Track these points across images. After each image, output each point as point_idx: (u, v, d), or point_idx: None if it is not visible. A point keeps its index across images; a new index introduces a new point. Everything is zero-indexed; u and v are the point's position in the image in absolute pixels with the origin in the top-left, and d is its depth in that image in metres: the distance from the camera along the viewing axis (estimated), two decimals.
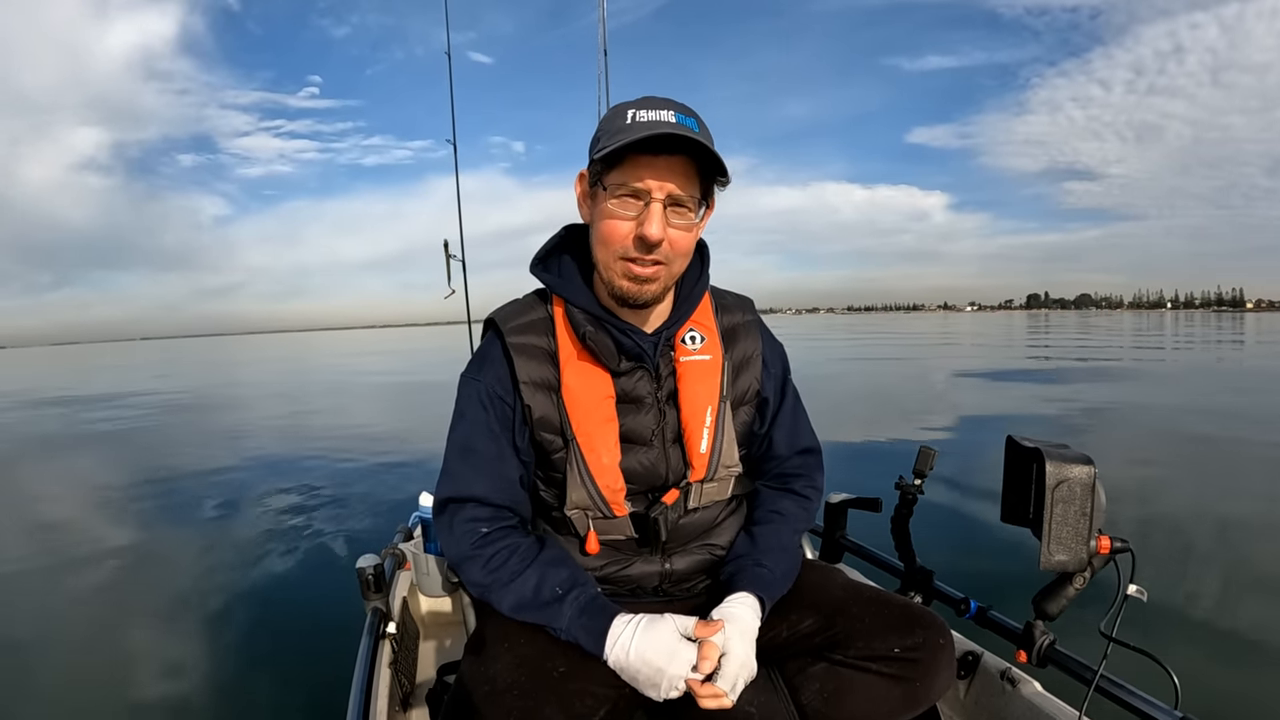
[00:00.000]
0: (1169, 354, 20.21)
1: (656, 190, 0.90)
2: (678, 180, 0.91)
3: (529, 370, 1.00)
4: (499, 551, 0.97)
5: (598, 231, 0.96)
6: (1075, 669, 1.13)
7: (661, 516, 1.02)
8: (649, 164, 0.90)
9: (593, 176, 0.95)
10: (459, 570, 1.00)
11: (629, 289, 0.96)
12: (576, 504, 1.01)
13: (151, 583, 3.89)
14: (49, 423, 12.63)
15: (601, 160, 0.91)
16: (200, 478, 6.68)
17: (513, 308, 1.07)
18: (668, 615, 0.91)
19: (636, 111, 0.91)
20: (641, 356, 1.01)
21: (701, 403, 1.04)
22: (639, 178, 0.90)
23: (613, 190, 0.92)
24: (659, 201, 0.91)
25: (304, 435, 9.14)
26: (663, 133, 0.87)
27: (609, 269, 0.96)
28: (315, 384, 19.28)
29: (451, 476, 1.01)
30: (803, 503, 1.14)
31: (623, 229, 0.92)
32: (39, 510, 5.87)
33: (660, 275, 0.96)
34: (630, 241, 0.92)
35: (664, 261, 0.94)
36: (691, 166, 0.92)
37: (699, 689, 0.86)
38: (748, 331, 1.12)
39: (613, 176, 0.92)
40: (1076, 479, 0.98)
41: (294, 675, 2.65)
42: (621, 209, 0.92)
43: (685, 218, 0.94)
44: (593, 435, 0.99)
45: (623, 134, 0.88)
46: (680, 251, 0.95)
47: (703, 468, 1.03)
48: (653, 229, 0.90)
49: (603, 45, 2.75)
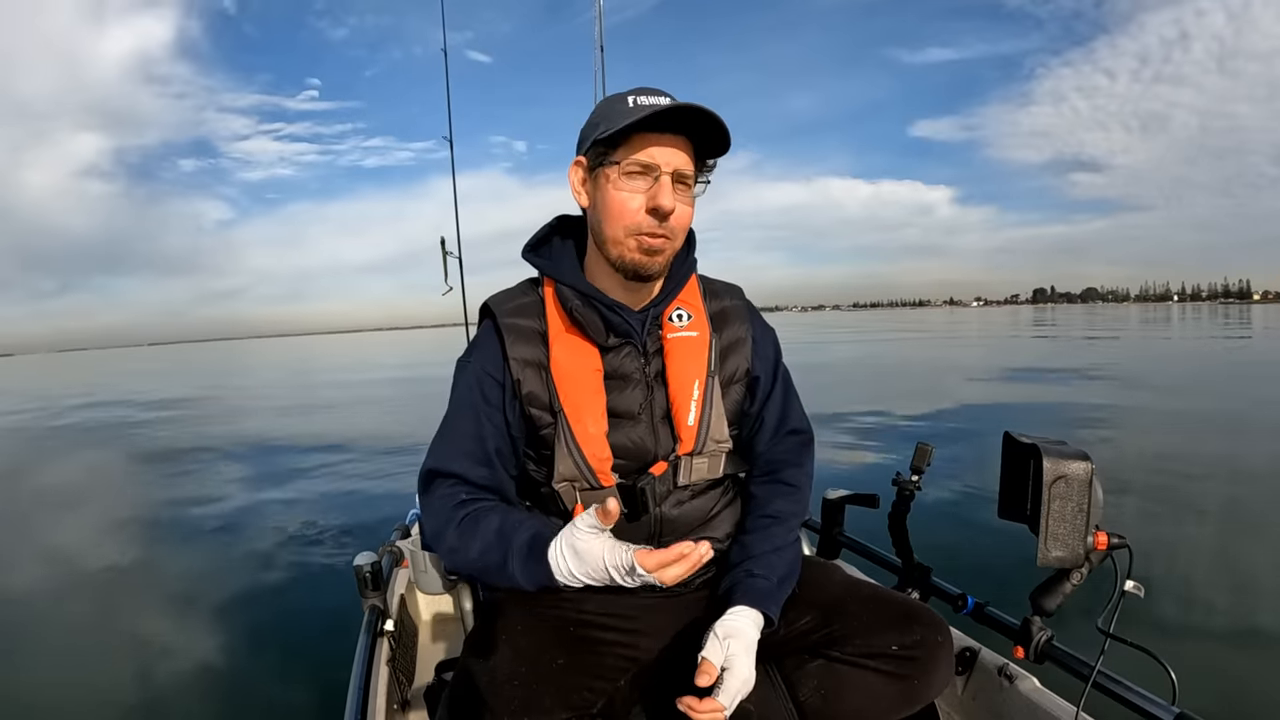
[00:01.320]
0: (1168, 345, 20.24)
1: (665, 165, 0.95)
2: (682, 157, 0.96)
3: (519, 349, 1.02)
4: (469, 514, 0.99)
5: (607, 209, 0.98)
6: (1073, 665, 1.13)
7: (649, 487, 1.02)
8: (657, 140, 0.94)
9: (596, 159, 0.98)
10: (436, 541, 1.02)
11: (641, 260, 0.98)
12: (564, 476, 1.01)
13: (150, 582, 3.89)
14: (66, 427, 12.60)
15: (606, 142, 0.95)
16: (198, 477, 6.67)
17: (506, 293, 1.10)
18: (585, 516, 0.90)
19: (636, 97, 0.95)
20: (629, 333, 1.02)
21: (689, 378, 1.05)
22: (649, 155, 0.94)
23: (624, 167, 0.95)
24: (668, 174, 0.95)
25: (302, 434, 9.13)
26: (676, 106, 0.92)
27: (619, 244, 0.98)
28: (314, 384, 19.25)
29: (434, 453, 1.04)
30: (794, 494, 1.13)
31: (634, 203, 0.96)
32: (36, 510, 5.86)
33: (667, 247, 0.99)
34: (642, 216, 0.96)
35: (669, 236, 0.98)
36: (690, 145, 0.97)
37: (697, 705, 0.86)
38: (736, 314, 1.13)
39: (621, 154, 0.95)
40: (1074, 475, 0.98)
41: (292, 673, 2.65)
42: (631, 184, 0.96)
43: (687, 194, 0.98)
44: (580, 407, 1.00)
45: (629, 115, 0.92)
46: (683, 225, 1.00)
47: (691, 440, 1.04)
48: (666, 200, 0.94)
49: (599, 42, 2.75)
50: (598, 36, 2.76)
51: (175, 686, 2.63)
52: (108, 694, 2.60)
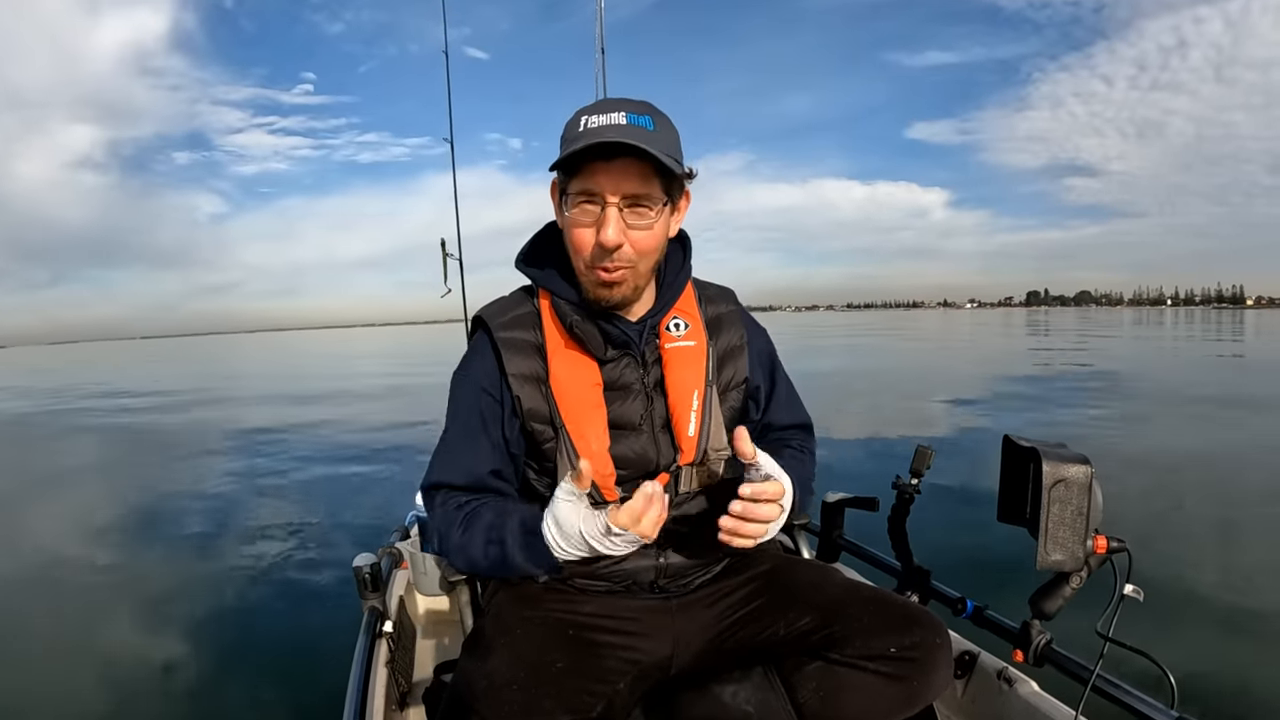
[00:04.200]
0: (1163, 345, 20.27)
1: (610, 194, 0.92)
2: (632, 182, 0.92)
3: (517, 363, 1.02)
4: (472, 511, 0.99)
5: (568, 239, 0.98)
6: (1072, 668, 1.13)
7: None
8: (603, 169, 0.91)
9: (560, 185, 0.98)
10: (443, 544, 1.02)
11: (599, 294, 0.99)
12: None
13: (147, 581, 3.88)
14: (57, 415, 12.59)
15: (560, 170, 0.94)
16: (199, 477, 6.66)
17: (499, 304, 1.10)
18: (567, 504, 0.90)
19: (588, 117, 0.92)
20: (628, 344, 1.03)
21: (688, 388, 1.05)
22: (594, 183, 0.92)
23: (571, 199, 0.94)
24: (614, 205, 0.92)
25: (302, 434, 9.12)
26: (605, 140, 0.87)
27: (581, 276, 0.99)
28: (314, 384, 19.24)
29: (436, 469, 1.05)
30: (803, 456, 1.16)
31: (586, 236, 0.94)
32: (30, 510, 5.85)
33: (627, 278, 0.97)
34: (593, 249, 0.94)
35: (628, 264, 0.96)
36: (648, 165, 0.92)
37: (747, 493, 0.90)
38: (731, 321, 1.14)
39: (571, 185, 0.94)
40: (1073, 479, 0.98)
41: (290, 674, 2.64)
42: (581, 216, 0.94)
43: (645, 217, 0.94)
44: (581, 422, 1.00)
45: (574, 142, 0.90)
46: (645, 251, 0.96)
47: (691, 451, 1.04)
48: (608, 234, 0.92)
49: (600, 40, 2.75)
50: (598, 34, 2.76)
51: (174, 687, 2.62)
52: (102, 692, 2.60)
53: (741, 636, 1.03)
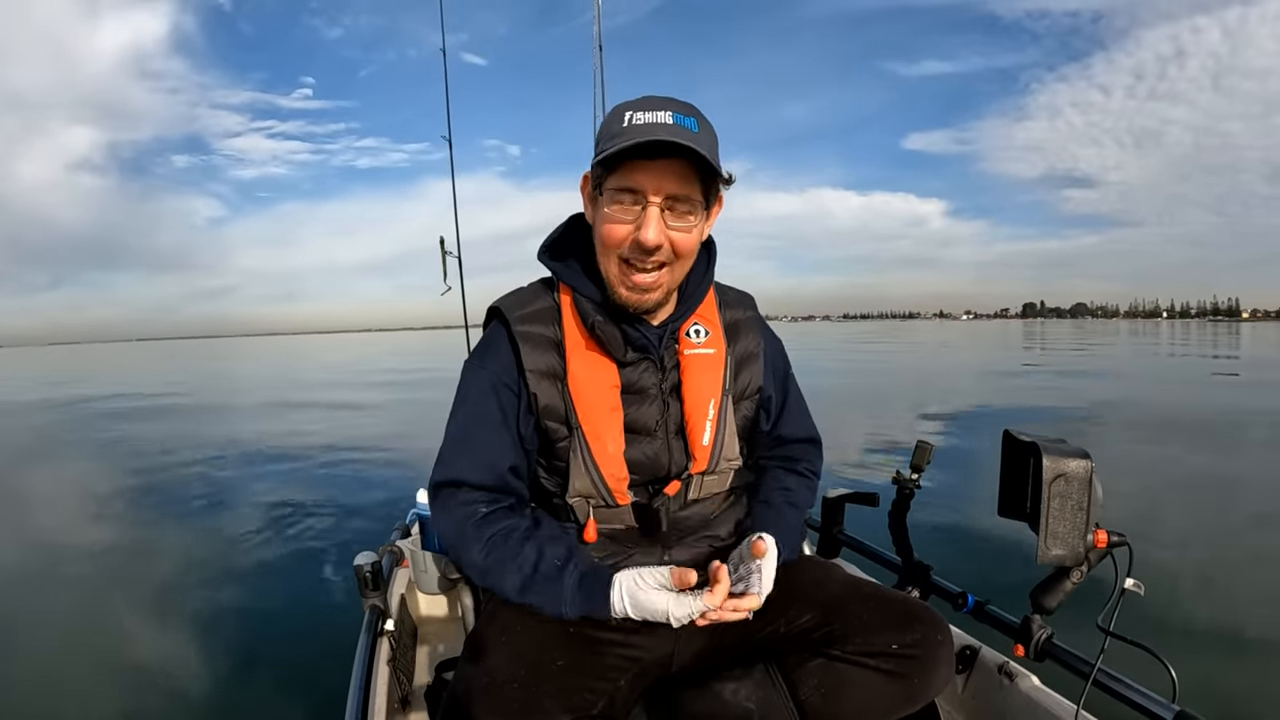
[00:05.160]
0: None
1: (653, 193, 0.90)
2: (675, 182, 0.90)
3: (535, 359, 1.00)
4: (497, 533, 0.96)
5: (598, 235, 0.96)
6: (1073, 663, 1.13)
7: (663, 507, 1.02)
8: (645, 167, 0.89)
9: (594, 180, 0.95)
10: (456, 553, 0.99)
11: (628, 298, 0.96)
12: (579, 492, 1.01)
13: (148, 581, 3.88)
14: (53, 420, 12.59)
15: (600, 164, 0.91)
16: (198, 476, 6.66)
17: (518, 296, 1.07)
18: (650, 570, 0.90)
19: (634, 113, 0.90)
20: (647, 348, 1.01)
21: (705, 396, 1.04)
22: (635, 182, 0.90)
23: (610, 195, 0.92)
24: (656, 205, 0.90)
25: (302, 434, 9.12)
26: (657, 139, 0.86)
27: (608, 275, 0.97)
28: (313, 383, 19.24)
29: (448, 461, 1.01)
30: (806, 482, 1.15)
31: (621, 232, 0.92)
32: (26, 509, 5.85)
33: (663, 282, 0.96)
34: (628, 245, 0.92)
35: (666, 263, 0.95)
36: (690, 166, 0.91)
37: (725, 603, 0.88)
38: (749, 328, 1.12)
39: (610, 180, 0.92)
40: (1074, 473, 0.98)
41: (292, 673, 2.64)
42: (620, 213, 0.92)
43: (685, 219, 0.93)
44: (598, 424, 0.99)
45: (619, 138, 0.88)
46: (684, 253, 0.95)
47: (704, 460, 1.03)
48: (649, 234, 0.90)
49: (598, 46, 2.74)
50: (596, 39, 2.74)
51: (176, 685, 2.62)
52: (104, 695, 2.60)
53: (742, 633, 1.02)
